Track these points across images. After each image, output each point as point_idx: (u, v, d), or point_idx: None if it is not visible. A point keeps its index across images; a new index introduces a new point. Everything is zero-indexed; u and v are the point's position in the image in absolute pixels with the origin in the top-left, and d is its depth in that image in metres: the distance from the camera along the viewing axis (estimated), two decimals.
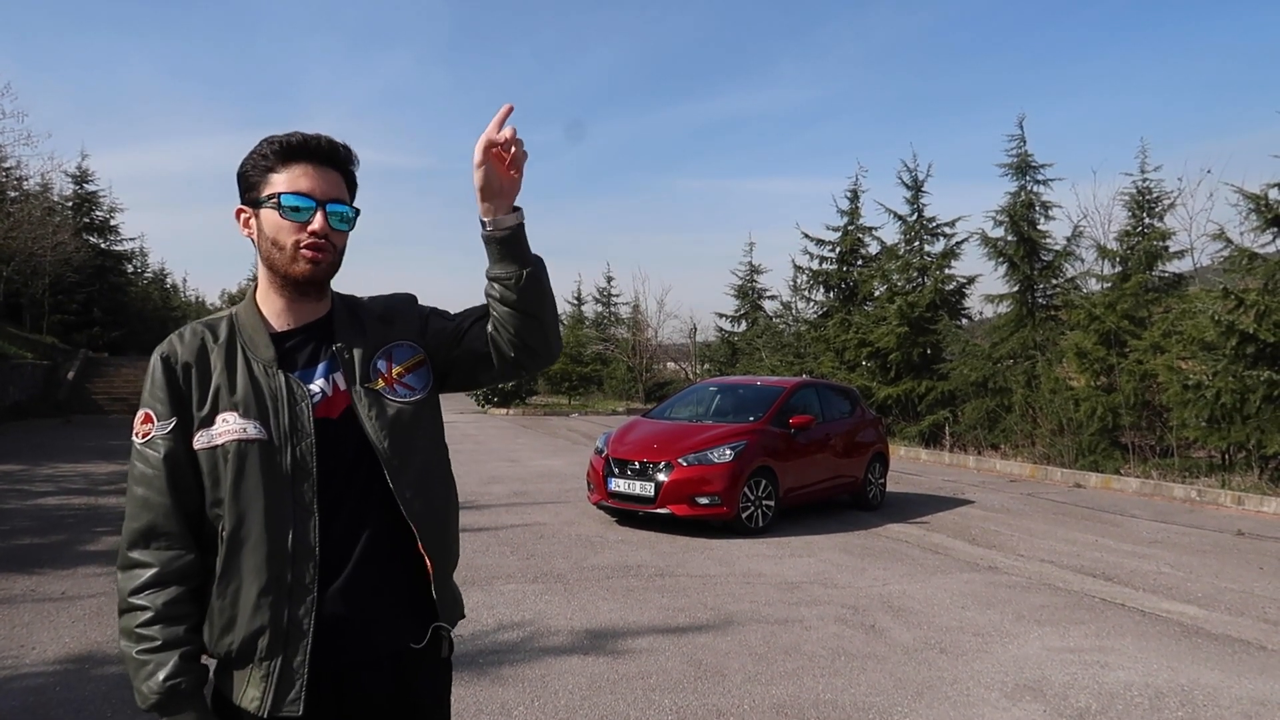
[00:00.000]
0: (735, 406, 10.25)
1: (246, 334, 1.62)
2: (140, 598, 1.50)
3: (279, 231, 1.57)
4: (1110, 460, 14.52)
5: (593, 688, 4.42)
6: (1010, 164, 18.55)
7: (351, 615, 1.57)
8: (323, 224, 1.57)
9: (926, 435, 18.60)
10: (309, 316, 1.67)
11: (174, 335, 1.63)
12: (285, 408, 1.56)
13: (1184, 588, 6.94)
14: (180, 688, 1.46)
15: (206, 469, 1.54)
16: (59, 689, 4.25)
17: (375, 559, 1.61)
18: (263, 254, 1.61)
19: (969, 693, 4.51)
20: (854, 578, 6.98)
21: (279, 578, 1.51)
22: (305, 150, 1.58)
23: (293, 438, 1.55)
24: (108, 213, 33.16)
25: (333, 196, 1.59)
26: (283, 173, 1.57)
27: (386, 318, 1.75)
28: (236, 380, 1.57)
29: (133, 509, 1.54)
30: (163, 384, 1.57)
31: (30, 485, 10.79)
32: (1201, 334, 13.18)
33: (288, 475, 1.54)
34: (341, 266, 1.66)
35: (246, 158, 1.61)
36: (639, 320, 35.51)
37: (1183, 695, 4.55)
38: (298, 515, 1.54)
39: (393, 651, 1.63)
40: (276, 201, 1.56)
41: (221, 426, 1.54)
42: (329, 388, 1.62)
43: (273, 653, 1.51)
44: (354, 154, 1.66)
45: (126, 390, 25.29)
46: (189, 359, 1.58)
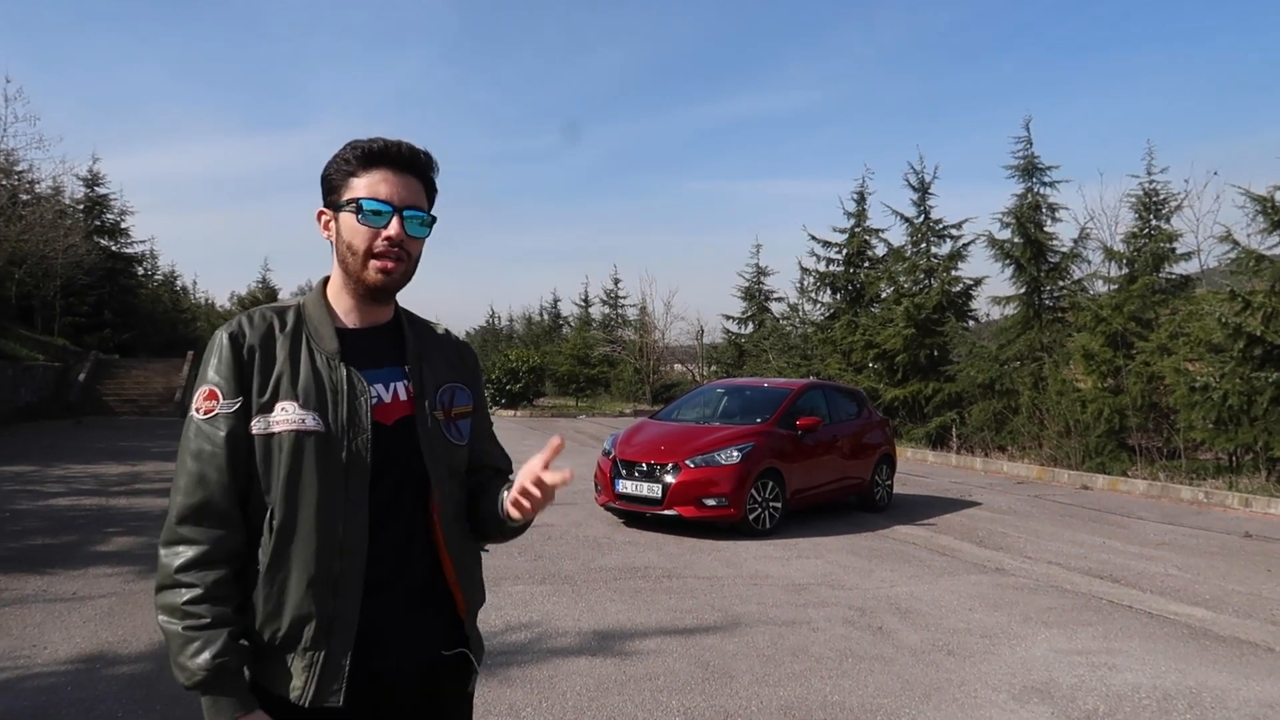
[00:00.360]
0: (742, 408, 10.26)
1: (313, 325, 1.63)
2: (188, 575, 1.49)
3: (355, 236, 1.60)
4: (1117, 462, 14.49)
5: (600, 689, 4.44)
6: (1017, 166, 18.55)
7: (394, 616, 1.60)
8: (399, 230, 1.59)
9: (933, 437, 18.58)
10: (375, 319, 1.70)
11: (242, 317, 1.63)
12: (345, 401, 1.58)
13: (1191, 590, 6.93)
14: (229, 665, 1.46)
15: (260, 455, 1.54)
16: (70, 689, 4.28)
17: (418, 566, 1.65)
18: (339, 256, 1.64)
19: (976, 694, 4.52)
20: (861, 579, 6.98)
21: (328, 570, 1.53)
22: (386, 156, 1.60)
23: (350, 431, 1.57)
24: (118, 215, 33.30)
25: (410, 203, 1.61)
26: (363, 178, 1.60)
27: (449, 355, 1.80)
28: (299, 370, 1.58)
29: (186, 484, 1.52)
30: (230, 363, 1.56)
31: (41, 486, 10.86)
32: (1209, 336, 13.15)
33: (342, 469, 1.55)
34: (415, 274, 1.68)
35: (330, 161, 1.64)
36: (646, 322, 35.51)
37: (1191, 697, 4.55)
38: (349, 510, 1.55)
39: (426, 658, 1.66)
40: (356, 206, 1.59)
41: (280, 415, 1.54)
42: (388, 394, 1.65)
43: (317, 643, 1.52)
44: (435, 161, 1.68)
45: (137, 392, 25.41)
46: (255, 342, 1.58)
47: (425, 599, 1.66)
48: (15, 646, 4.88)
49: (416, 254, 1.65)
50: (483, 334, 53.02)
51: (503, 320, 53.62)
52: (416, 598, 1.65)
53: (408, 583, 1.64)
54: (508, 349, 35.48)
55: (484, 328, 54.11)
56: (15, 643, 4.95)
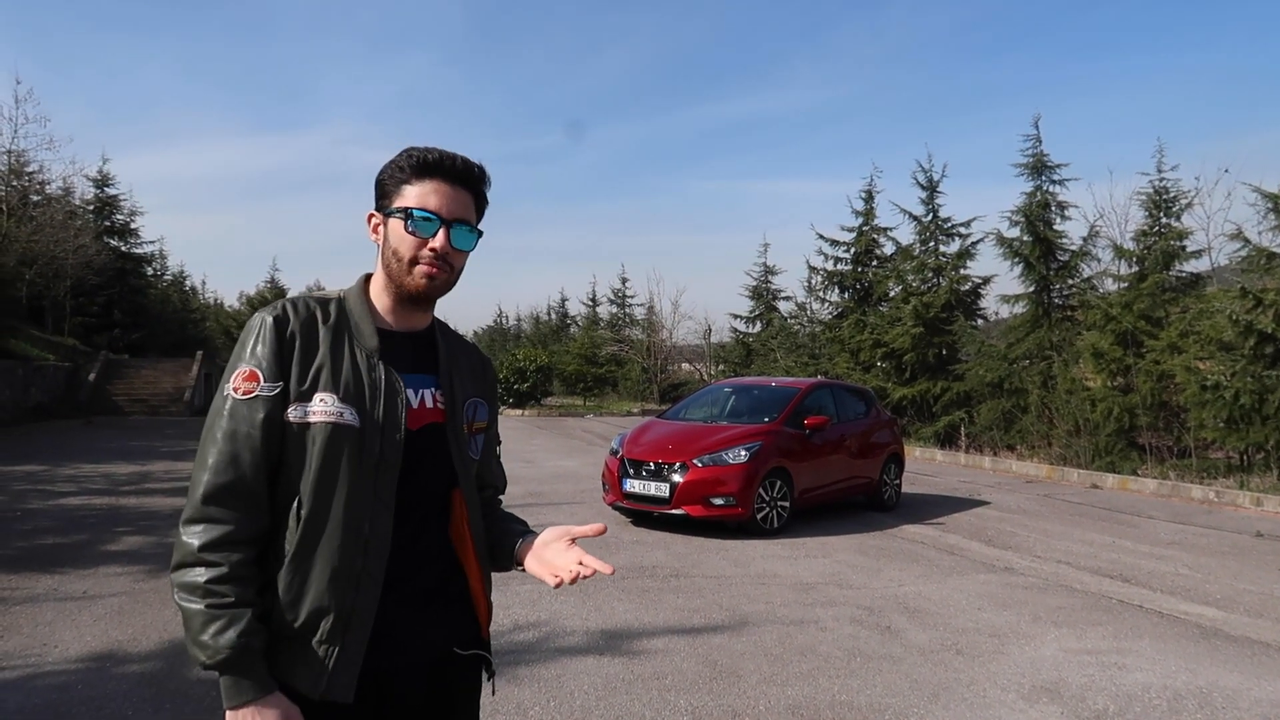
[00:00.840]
0: (750, 407, 10.25)
1: (354, 320, 1.65)
2: (213, 554, 1.47)
3: (402, 243, 1.61)
4: (1127, 461, 14.44)
5: (608, 688, 4.44)
6: (1026, 164, 18.49)
7: (407, 614, 1.62)
8: (444, 242, 1.61)
9: (942, 436, 18.54)
10: (412, 325, 1.72)
11: (285, 302, 1.63)
12: (382, 399, 1.59)
13: (1202, 589, 6.90)
14: (252, 645, 1.45)
15: (293, 443, 1.54)
16: (81, 687, 4.30)
17: (433, 571, 1.67)
18: (384, 260, 1.66)
19: (985, 694, 4.50)
20: (869, 579, 6.97)
21: (351, 564, 1.53)
22: (440, 168, 1.62)
23: (385, 429, 1.58)
24: (128, 216, 33.47)
25: (459, 216, 1.63)
26: (416, 186, 1.61)
27: (477, 372, 1.84)
28: (341, 363, 1.58)
29: (218, 463, 1.50)
30: (274, 346, 1.55)
31: (52, 485, 10.91)
32: (1219, 334, 13.09)
33: (373, 465, 1.56)
34: (456, 285, 1.70)
35: (385, 166, 1.66)
36: (654, 321, 35.53)
37: (1201, 697, 4.53)
38: (376, 507, 1.56)
39: (437, 656, 1.67)
40: (405, 214, 1.60)
41: (318, 405, 1.54)
42: (415, 400, 1.66)
43: (333, 637, 1.52)
44: (488, 175, 1.70)
45: (147, 392, 25.52)
46: (298, 329, 1.58)
47: (440, 598, 1.68)
48: (26, 645, 4.91)
49: (460, 265, 1.68)
50: (490, 333, 53.10)
51: (510, 320, 53.72)
52: (431, 597, 1.66)
53: (424, 582, 1.65)
54: (515, 348, 35.51)
55: (492, 327, 54.21)
56: (26, 641, 4.97)
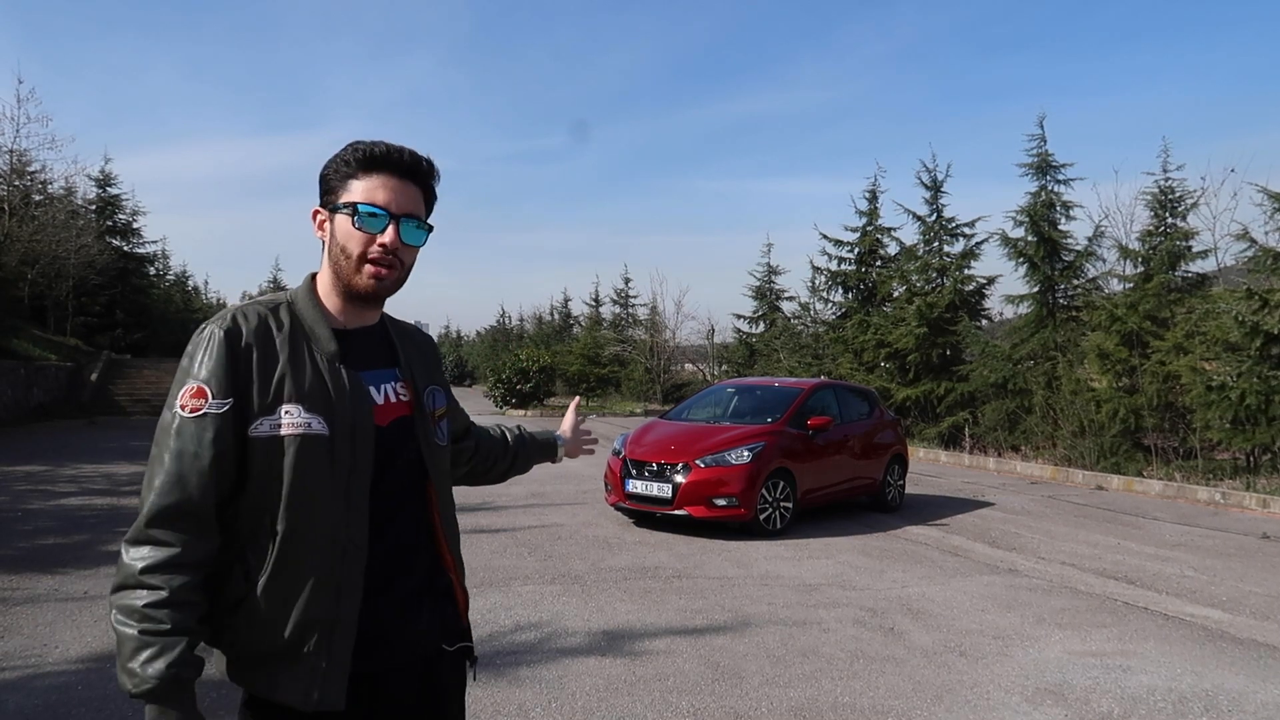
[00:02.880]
0: (753, 408, 10.22)
1: (308, 324, 1.60)
2: (153, 577, 1.41)
3: (349, 239, 1.58)
4: (1132, 462, 14.39)
5: (610, 689, 4.41)
6: (1030, 164, 18.44)
7: (394, 616, 1.60)
8: (394, 238, 1.57)
9: (946, 437, 18.50)
10: (364, 321, 1.69)
11: (236, 312, 1.57)
12: (349, 404, 1.56)
13: (1208, 591, 6.86)
14: (182, 676, 1.39)
15: (260, 458, 1.49)
16: (81, 688, 4.29)
17: (416, 569, 1.66)
18: (331, 258, 1.62)
19: (989, 696, 4.47)
20: (872, 580, 6.94)
21: (330, 574, 1.51)
22: (388, 161, 1.58)
23: (354, 435, 1.55)
24: (130, 216, 33.46)
25: (408, 211, 1.59)
26: (362, 181, 1.58)
27: (427, 358, 1.83)
28: (303, 371, 1.54)
29: (163, 484, 1.45)
30: (224, 361, 1.49)
31: (53, 486, 10.91)
32: (1225, 335, 13.03)
33: (344, 473, 1.53)
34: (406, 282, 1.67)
35: (330, 161, 1.62)
36: (657, 322, 35.48)
37: (1207, 700, 4.50)
38: (351, 514, 1.54)
39: (426, 654, 1.67)
40: (352, 209, 1.56)
41: (285, 419, 1.50)
42: (379, 396, 1.64)
43: (320, 648, 1.50)
44: (436, 169, 1.66)
45: (149, 392, 25.53)
46: (253, 340, 1.53)
47: (426, 596, 1.67)
48: (27, 645, 4.90)
49: (410, 261, 1.64)
50: (493, 333, 53.14)
51: (513, 320, 53.73)
52: (417, 596, 1.65)
53: (409, 582, 1.64)
54: (518, 349, 35.50)
55: (494, 327, 54.24)
56: (27, 641, 4.96)
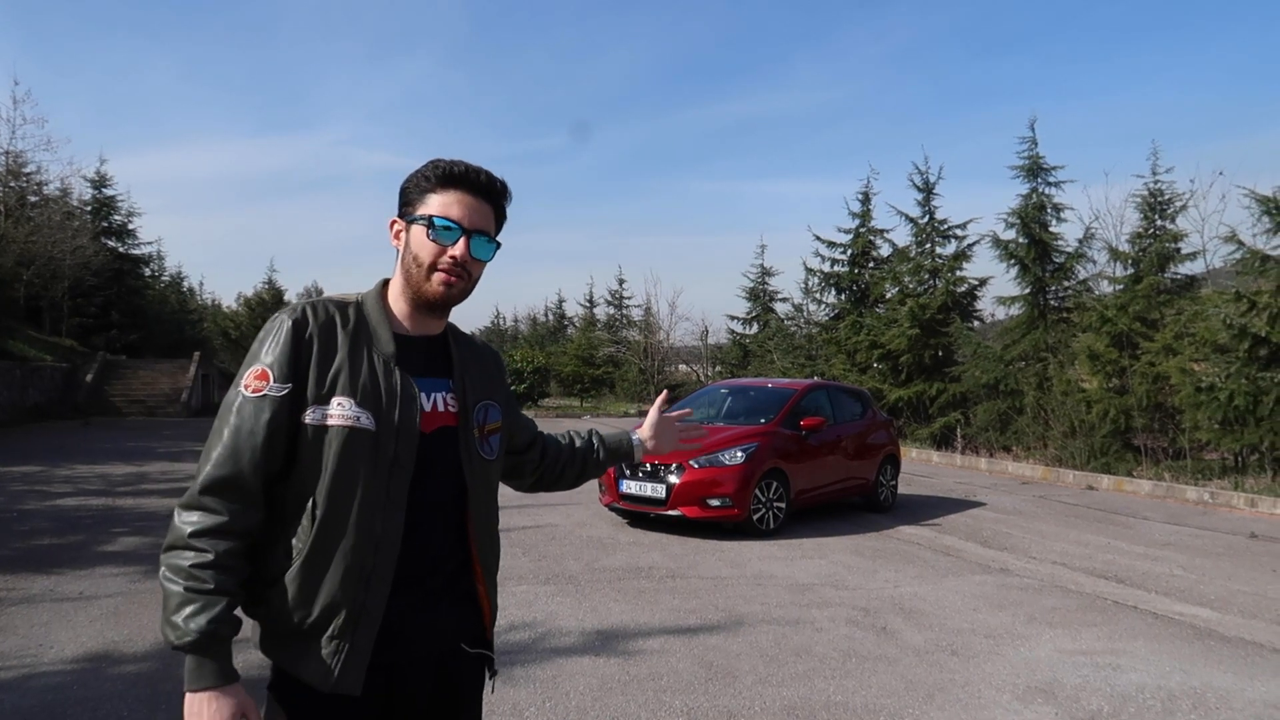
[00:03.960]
0: (746, 408, 10.26)
1: (372, 325, 1.69)
2: (201, 541, 1.51)
3: (423, 250, 1.66)
4: (1122, 462, 14.48)
5: (604, 689, 4.44)
6: (1022, 166, 18.55)
7: (416, 611, 1.66)
8: (464, 251, 1.66)
9: (938, 437, 18.57)
10: (427, 330, 1.77)
11: (305, 304, 1.66)
12: (398, 404, 1.63)
13: (1197, 590, 6.92)
14: (220, 633, 1.48)
15: (309, 445, 1.58)
16: (76, 688, 4.30)
17: (444, 569, 1.72)
18: (404, 265, 1.71)
19: (980, 695, 4.51)
20: (865, 579, 6.98)
21: (363, 563, 1.58)
22: (465, 180, 1.68)
23: (400, 434, 1.62)
24: (126, 217, 33.40)
25: (479, 227, 1.68)
26: (440, 196, 1.67)
27: (487, 371, 1.88)
28: (360, 367, 1.62)
29: (219, 455, 1.55)
30: (289, 348, 1.59)
31: (49, 486, 10.90)
32: (1214, 336, 13.12)
33: (386, 468, 1.60)
34: (472, 294, 1.75)
35: (411, 175, 1.71)
36: (651, 323, 35.56)
37: (1195, 698, 4.54)
38: (388, 508, 1.60)
39: (444, 651, 1.72)
40: (428, 222, 1.65)
41: (335, 409, 1.59)
42: (428, 404, 1.70)
43: (344, 633, 1.57)
44: (509, 191, 1.75)
45: (144, 393, 25.49)
46: (317, 332, 1.62)
47: (449, 596, 1.72)
48: (22, 645, 4.90)
49: (477, 274, 1.73)
50: (488, 334, 53.08)
51: (507, 320, 53.78)
52: (440, 594, 1.71)
53: (435, 580, 1.70)
54: (512, 349, 35.50)
55: (489, 328, 54.20)
56: (22, 642, 4.97)
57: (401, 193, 1.72)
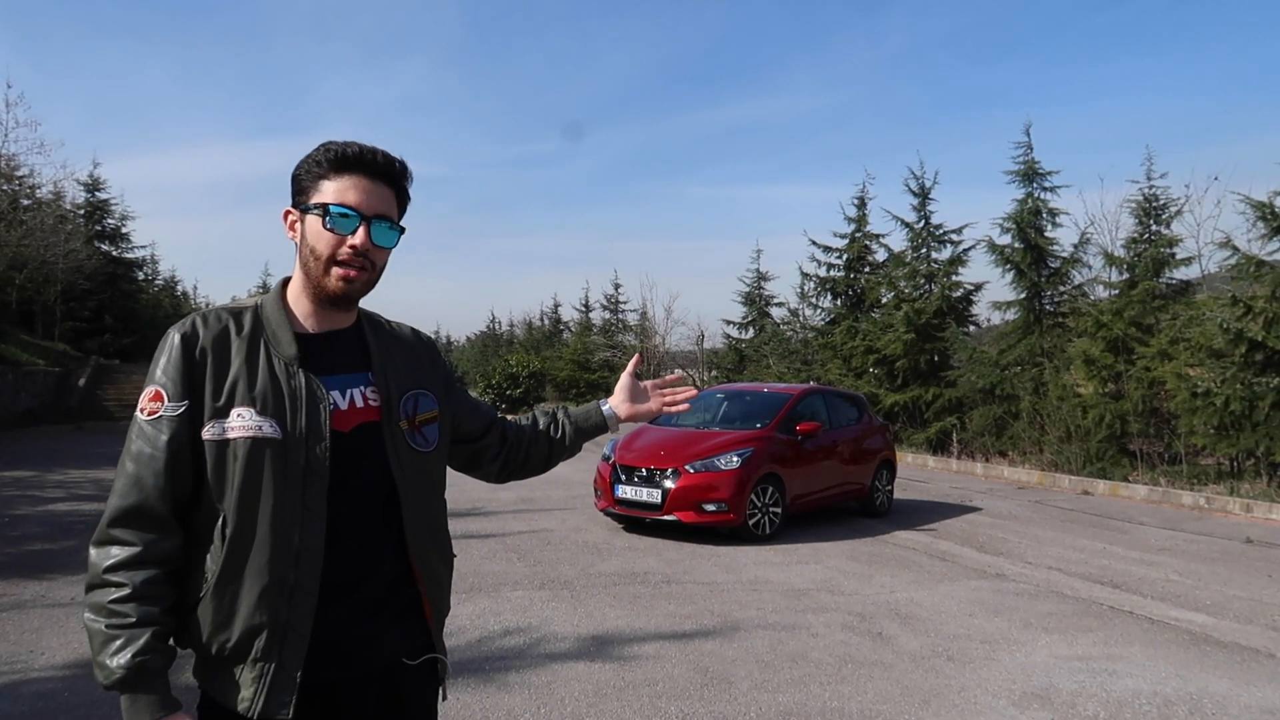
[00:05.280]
0: (742, 413, 10.25)
1: (271, 329, 1.59)
2: (117, 575, 1.45)
3: (320, 240, 1.56)
4: (1118, 467, 14.48)
5: (599, 694, 4.42)
6: (1017, 171, 18.56)
7: (352, 624, 1.56)
8: (364, 239, 1.56)
9: (934, 442, 18.57)
10: (335, 324, 1.66)
11: (196, 316, 1.58)
12: (304, 407, 1.54)
13: (1192, 595, 6.92)
14: (149, 665, 1.42)
15: (212, 461, 1.49)
16: (67, 694, 4.27)
17: (379, 577, 1.61)
18: (301, 259, 1.61)
19: (976, 701, 4.50)
20: (861, 585, 6.97)
21: (282, 578, 1.49)
22: (360, 162, 1.57)
23: (309, 439, 1.53)
24: (119, 220, 33.28)
25: (379, 212, 1.58)
26: (334, 182, 1.56)
27: (414, 358, 1.77)
28: (257, 375, 1.53)
29: (123, 486, 1.48)
30: (179, 364, 1.52)
31: (41, 491, 10.85)
32: (1209, 341, 13.15)
33: (299, 476, 1.51)
34: (377, 284, 1.65)
35: (302, 161, 1.60)
36: (646, 327, 35.54)
37: (1191, 703, 4.54)
38: (306, 517, 1.51)
39: (387, 666, 1.62)
40: (323, 210, 1.55)
41: (236, 421, 1.50)
42: (344, 401, 1.61)
43: (268, 653, 1.48)
44: (409, 171, 1.65)
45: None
46: (208, 344, 1.54)
47: (388, 606, 1.62)
48: (13, 651, 4.88)
49: (381, 263, 1.63)
50: (483, 339, 53.04)
51: (503, 325, 53.65)
52: (378, 605, 1.60)
53: (370, 590, 1.59)
54: (508, 354, 35.50)
55: (484, 332, 54.12)
56: (13, 648, 4.94)
57: (293, 179, 1.61)
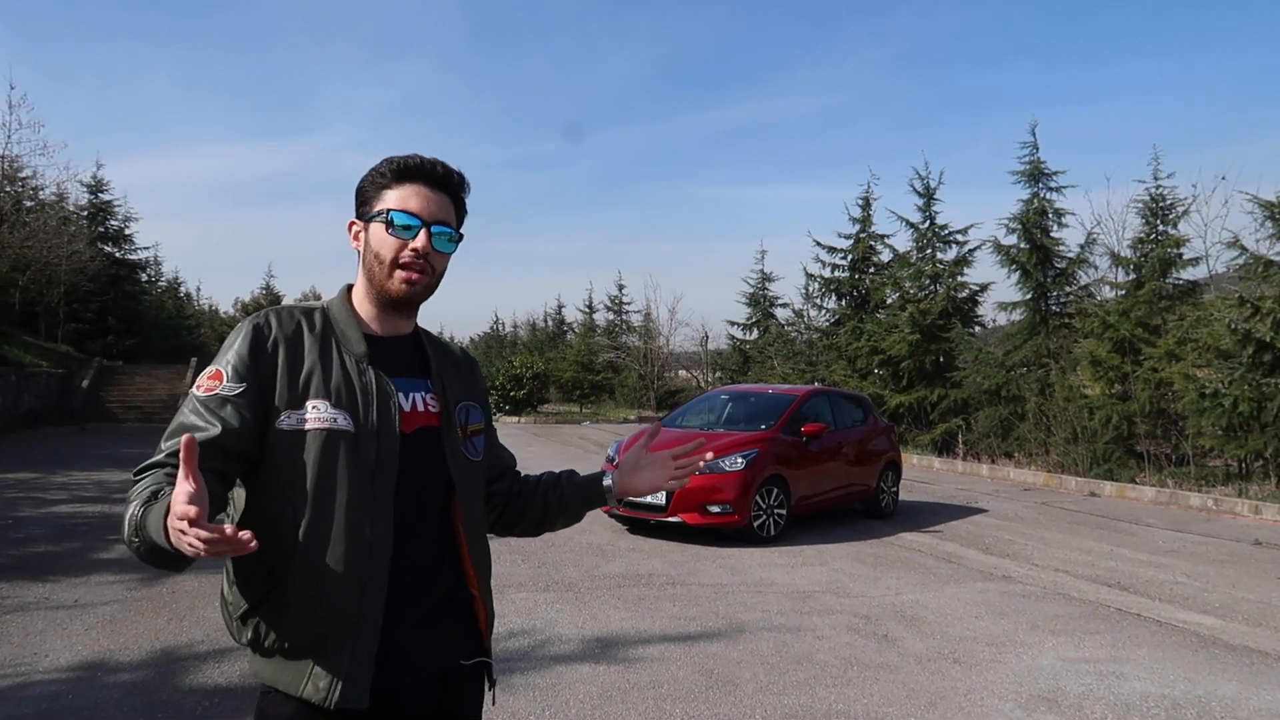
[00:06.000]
0: (747, 415, 10.22)
1: (340, 328, 1.66)
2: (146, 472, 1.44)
3: (383, 246, 1.63)
4: (1125, 469, 14.43)
5: (604, 696, 4.40)
6: (1023, 171, 18.53)
7: (416, 629, 1.60)
8: (425, 243, 1.63)
9: (939, 443, 18.52)
10: (396, 330, 1.73)
11: (270, 311, 1.64)
12: (375, 402, 1.59)
13: (1201, 598, 6.87)
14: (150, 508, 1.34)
15: (286, 452, 1.53)
16: (71, 696, 4.26)
17: (439, 581, 1.66)
18: (365, 266, 1.68)
19: (983, 703, 4.47)
20: (866, 587, 6.94)
21: (355, 570, 1.52)
22: (420, 173, 1.65)
23: (380, 433, 1.58)
24: (122, 222, 33.37)
25: (439, 219, 1.65)
26: (396, 191, 1.64)
27: (462, 372, 1.84)
28: (331, 369, 1.59)
29: (168, 435, 1.49)
30: (247, 350, 1.56)
31: (44, 493, 10.85)
32: (1217, 341, 13.10)
33: (370, 469, 1.56)
34: (438, 289, 1.72)
35: (366, 175, 1.68)
36: (651, 328, 35.53)
37: (1200, 707, 4.50)
38: (377, 511, 1.55)
39: (444, 668, 1.67)
40: (386, 218, 1.62)
41: (312, 413, 1.54)
42: (406, 403, 1.66)
43: (344, 645, 1.51)
44: (467, 182, 1.72)
45: (141, 399, 25.44)
46: (281, 337, 1.59)
47: (447, 610, 1.67)
48: (17, 654, 4.86)
49: (441, 268, 1.69)
50: (487, 340, 53.02)
51: (507, 326, 53.64)
52: (439, 609, 1.65)
53: (432, 593, 1.64)
54: (512, 355, 35.48)
55: (488, 334, 54.12)
56: (17, 650, 4.93)
57: (358, 193, 1.70)
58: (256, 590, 1.53)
